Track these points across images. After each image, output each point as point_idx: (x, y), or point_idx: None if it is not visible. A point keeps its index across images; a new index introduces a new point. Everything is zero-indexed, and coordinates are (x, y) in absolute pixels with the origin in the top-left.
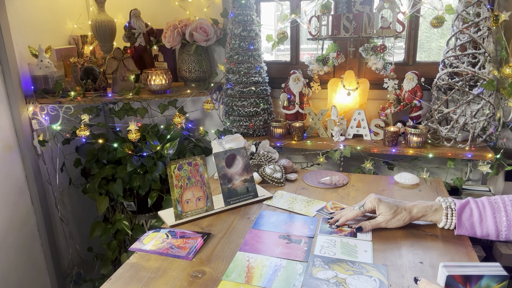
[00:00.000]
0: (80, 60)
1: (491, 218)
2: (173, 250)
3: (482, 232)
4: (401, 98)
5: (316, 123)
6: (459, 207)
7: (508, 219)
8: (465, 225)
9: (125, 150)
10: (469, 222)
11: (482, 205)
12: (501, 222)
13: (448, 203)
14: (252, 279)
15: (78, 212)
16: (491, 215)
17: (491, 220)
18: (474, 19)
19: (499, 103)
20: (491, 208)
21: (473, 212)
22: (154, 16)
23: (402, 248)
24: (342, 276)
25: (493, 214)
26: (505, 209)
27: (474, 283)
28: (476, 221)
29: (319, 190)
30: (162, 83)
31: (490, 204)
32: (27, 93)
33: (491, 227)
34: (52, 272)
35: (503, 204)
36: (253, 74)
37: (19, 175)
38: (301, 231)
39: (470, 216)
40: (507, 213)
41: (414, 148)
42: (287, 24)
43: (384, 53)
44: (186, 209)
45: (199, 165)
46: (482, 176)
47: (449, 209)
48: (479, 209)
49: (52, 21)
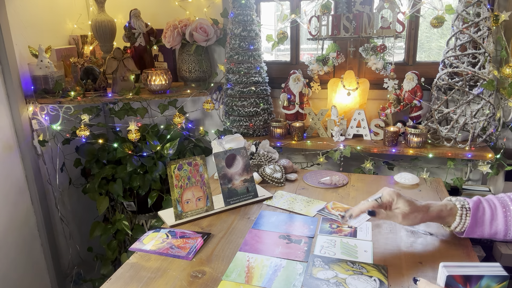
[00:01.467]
0: (80, 60)
1: (502, 217)
2: (173, 250)
3: (490, 231)
4: (401, 98)
5: (316, 123)
6: (473, 205)
7: None
8: (477, 225)
9: (125, 150)
10: (481, 221)
11: (493, 203)
12: (511, 220)
13: (461, 202)
14: (252, 279)
15: (78, 212)
16: (501, 213)
17: (502, 219)
18: (474, 19)
19: (499, 103)
20: (502, 206)
21: (485, 210)
22: (154, 16)
23: (402, 248)
24: (342, 276)
25: (504, 213)
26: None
27: (474, 283)
28: (487, 220)
29: (319, 190)
30: (162, 83)
31: (500, 202)
32: (27, 93)
33: (501, 226)
34: (52, 272)
35: (511, 201)
36: (253, 74)
37: (19, 175)
38: (301, 231)
39: (482, 215)
40: None
41: (414, 148)
42: (287, 24)
43: (384, 53)
44: (186, 209)
45: (199, 165)
46: (482, 176)
47: (464, 209)
48: (491, 207)
49: (52, 21)
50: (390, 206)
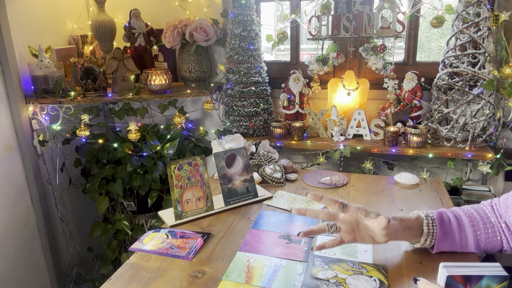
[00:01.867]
0: (80, 60)
1: (469, 226)
2: (173, 250)
3: (461, 242)
4: (401, 98)
5: (316, 123)
6: (437, 215)
7: (485, 228)
8: (446, 236)
9: (125, 150)
10: (450, 231)
11: (457, 213)
12: (479, 232)
13: (425, 212)
14: (252, 279)
15: (78, 212)
16: (468, 223)
17: (469, 228)
18: (474, 19)
19: (499, 103)
20: (467, 216)
21: (451, 220)
22: (154, 16)
23: (402, 248)
24: (342, 276)
25: (470, 222)
26: (481, 217)
27: (474, 283)
28: (455, 230)
29: (319, 190)
30: (162, 83)
31: (464, 212)
32: (27, 93)
33: (470, 236)
34: (52, 272)
35: (477, 213)
36: (253, 74)
37: (19, 175)
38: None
39: (449, 225)
40: (484, 221)
41: (414, 148)
42: (287, 24)
43: (384, 53)
44: (186, 209)
45: (199, 165)
46: (482, 176)
47: (429, 217)
48: (456, 217)
49: (52, 21)
50: (356, 220)
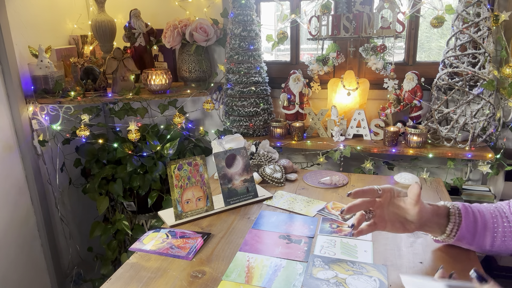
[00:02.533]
0: (80, 60)
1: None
2: (173, 250)
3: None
4: (401, 98)
5: (316, 123)
6: (462, 207)
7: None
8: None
9: (125, 150)
10: (474, 224)
11: (480, 209)
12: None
13: (451, 203)
14: (252, 279)
15: (78, 212)
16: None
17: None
18: (474, 19)
19: (499, 103)
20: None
21: (476, 216)
22: (154, 16)
23: (402, 248)
24: (342, 276)
25: (492, 219)
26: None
27: None
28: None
29: (319, 190)
30: (162, 83)
31: (487, 210)
32: (27, 93)
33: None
34: (52, 272)
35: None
36: (253, 74)
37: (19, 175)
38: (301, 231)
39: (474, 218)
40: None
41: (414, 148)
42: (287, 24)
43: (384, 53)
44: (186, 209)
45: (199, 165)
46: (482, 176)
47: (455, 207)
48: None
49: (52, 21)
50: (388, 201)
